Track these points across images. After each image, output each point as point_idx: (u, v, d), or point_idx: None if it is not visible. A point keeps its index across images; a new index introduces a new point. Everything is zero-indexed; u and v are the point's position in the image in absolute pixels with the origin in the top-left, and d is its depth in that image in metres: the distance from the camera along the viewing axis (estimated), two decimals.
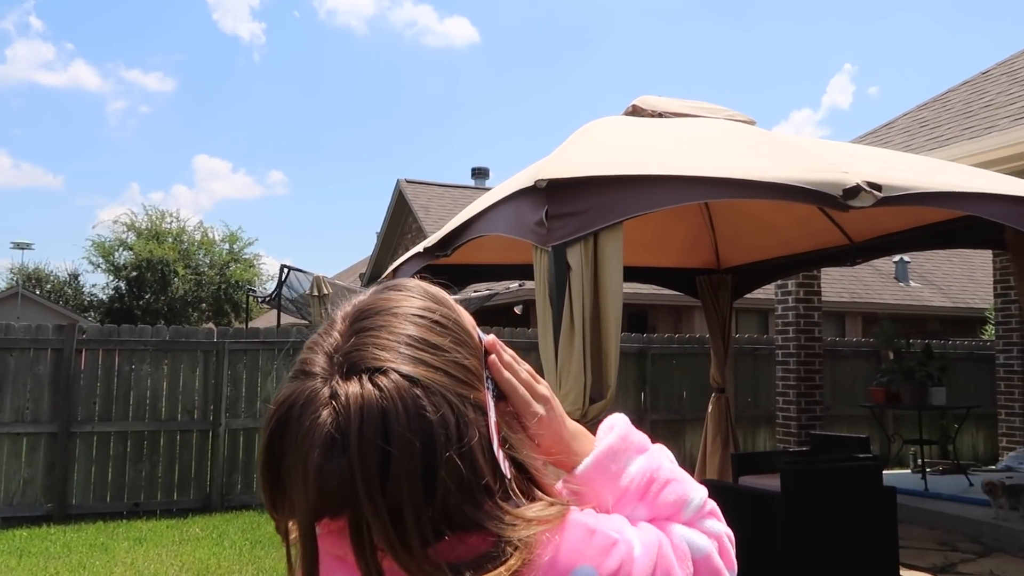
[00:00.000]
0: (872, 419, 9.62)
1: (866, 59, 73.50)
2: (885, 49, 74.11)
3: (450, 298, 0.88)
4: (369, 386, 0.74)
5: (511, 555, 0.75)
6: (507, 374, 0.87)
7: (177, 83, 62.64)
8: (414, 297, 0.84)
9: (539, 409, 0.89)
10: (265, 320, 27.26)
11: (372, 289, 0.87)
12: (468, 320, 0.87)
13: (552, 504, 0.81)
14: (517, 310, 13.21)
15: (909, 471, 8.99)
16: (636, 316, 14.81)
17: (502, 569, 0.75)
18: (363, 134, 74.26)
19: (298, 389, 0.77)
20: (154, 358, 8.12)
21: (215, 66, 66.20)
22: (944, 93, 9.56)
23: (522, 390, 0.88)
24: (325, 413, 0.73)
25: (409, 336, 0.79)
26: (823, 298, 9.00)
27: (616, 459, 0.92)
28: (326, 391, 0.75)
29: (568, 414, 3.17)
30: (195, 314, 34.66)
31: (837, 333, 15.86)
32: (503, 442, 0.80)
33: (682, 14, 73.52)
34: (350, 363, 0.77)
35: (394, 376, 0.75)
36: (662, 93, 4.84)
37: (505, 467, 0.79)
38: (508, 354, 0.88)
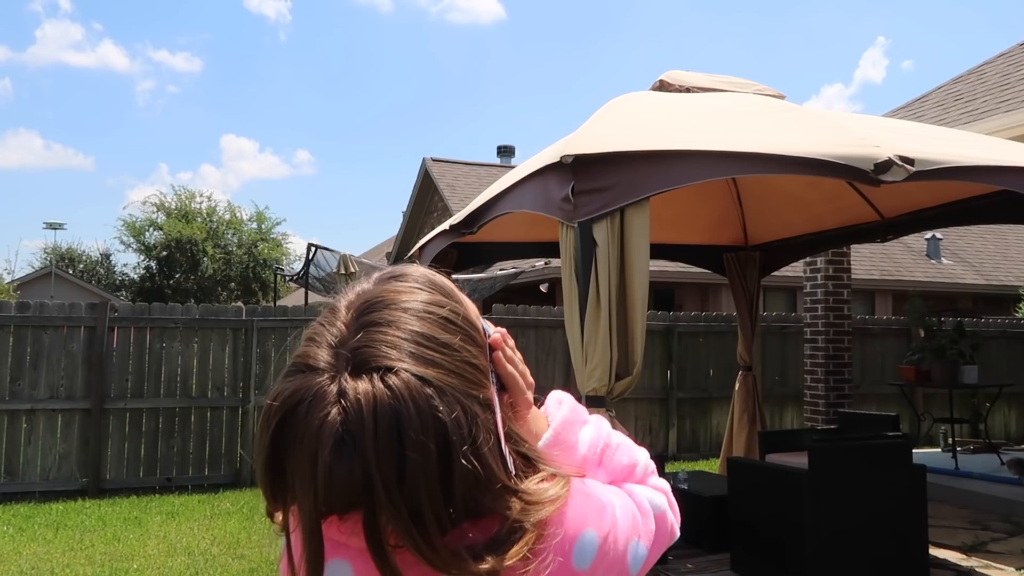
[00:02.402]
0: (902, 397, 9.52)
1: (900, 32, 72.11)
2: (920, 22, 72.64)
3: (456, 289, 0.87)
4: (380, 386, 0.72)
5: (527, 532, 0.76)
6: (510, 368, 0.86)
7: (204, 63, 63.08)
8: (422, 290, 0.82)
9: (531, 396, 0.90)
10: (293, 299, 27.48)
11: (376, 277, 0.85)
12: (474, 312, 0.86)
13: (554, 476, 0.82)
14: (543, 288, 13.20)
15: (939, 450, 8.90)
16: (663, 294, 14.74)
17: (520, 547, 0.75)
18: (389, 113, 74.32)
19: (304, 385, 0.74)
20: (184, 336, 8.23)
21: (241, 46, 66.49)
22: (980, 65, 9.35)
23: (521, 382, 0.88)
24: (334, 412, 0.71)
25: (420, 334, 0.77)
26: (853, 276, 8.89)
27: (571, 430, 0.95)
28: (334, 388, 0.73)
29: (594, 390, 3.14)
30: (224, 293, 35.05)
31: (867, 311, 15.68)
32: (508, 437, 0.80)
33: None
34: (359, 360, 0.74)
35: (405, 376, 0.73)
36: (690, 68, 4.79)
37: (510, 462, 0.79)
38: (510, 345, 0.88)
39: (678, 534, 1.02)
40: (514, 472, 0.79)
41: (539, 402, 0.96)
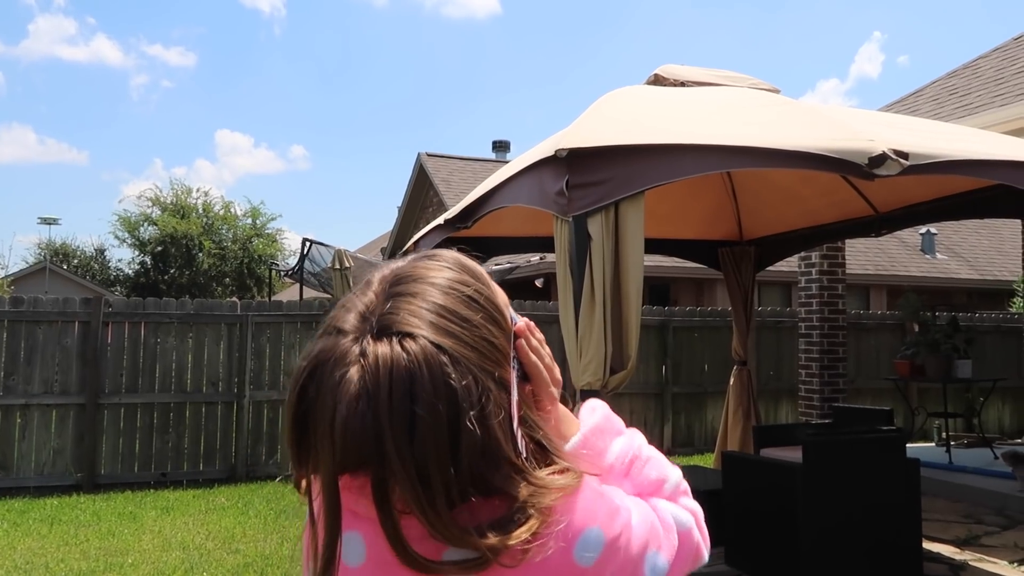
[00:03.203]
0: (896, 392, 9.55)
1: (896, 27, 72.20)
2: (916, 17, 72.66)
3: (486, 274, 0.91)
4: (397, 348, 0.76)
5: (532, 517, 0.79)
6: (533, 358, 0.90)
7: (198, 57, 62.90)
8: (451, 269, 0.87)
9: (556, 392, 0.93)
10: (288, 294, 27.43)
11: (412, 256, 0.90)
12: (502, 298, 0.90)
13: (567, 470, 0.85)
14: (538, 283, 13.20)
15: (933, 444, 8.93)
16: (658, 289, 14.75)
17: (523, 530, 0.78)
18: (384, 107, 74.24)
19: (329, 345, 0.79)
20: (179, 331, 8.21)
21: (236, 40, 66.34)
22: (974, 60, 9.36)
23: (545, 374, 0.92)
24: (354, 370, 0.76)
25: (442, 307, 0.81)
26: (847, 271, 8.91)
27: (601, 437, 0.98)
28: (356, 349, 0.78)
29: (589, 384, 3.13)
30: (219, 288, 34.97)
31: (862, 306, 15.71)
32: (523, 421, 0.83)
33: None
34: (382, 325, 0.79)
35: (422, 342, 0.77)
36: (686, 62, 4.78)
37: (522, 444, 0.82)
38: (537, 338, 0.92)
39: (706, 558, 1.01)
40: (525, 455, 0.81)
41: (564, 400, 0.98)
